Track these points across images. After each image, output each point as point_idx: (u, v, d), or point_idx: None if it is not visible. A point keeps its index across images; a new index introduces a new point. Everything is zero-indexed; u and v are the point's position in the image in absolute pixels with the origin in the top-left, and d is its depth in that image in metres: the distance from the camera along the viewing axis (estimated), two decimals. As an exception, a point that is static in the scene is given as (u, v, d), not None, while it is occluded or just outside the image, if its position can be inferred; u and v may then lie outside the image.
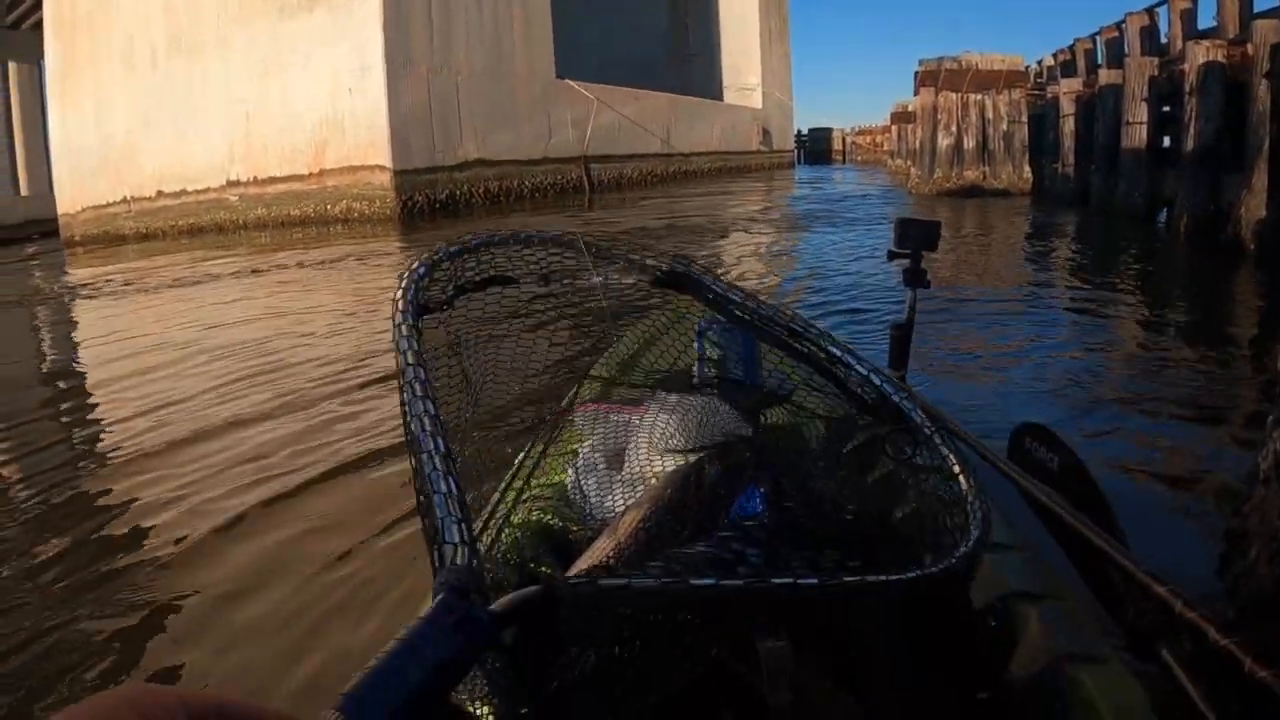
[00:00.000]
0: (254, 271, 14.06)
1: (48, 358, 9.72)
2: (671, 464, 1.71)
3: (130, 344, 8.99)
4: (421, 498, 0.96)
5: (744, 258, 13.07)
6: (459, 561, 0.85)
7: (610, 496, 1.80)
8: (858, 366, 1.59)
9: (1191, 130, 12.38)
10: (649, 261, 1.67)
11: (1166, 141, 14.46)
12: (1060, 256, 12.40)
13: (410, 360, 1.13)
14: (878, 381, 1.57)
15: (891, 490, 1.50)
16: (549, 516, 1.76)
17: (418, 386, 1.08)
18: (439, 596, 0.77)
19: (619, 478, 1.84)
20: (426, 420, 1.03)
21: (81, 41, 25.71)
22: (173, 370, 7.40)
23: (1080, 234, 14.69)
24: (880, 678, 1.42)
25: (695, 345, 1.92)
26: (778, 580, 1.02)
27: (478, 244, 1.50)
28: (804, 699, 1.19)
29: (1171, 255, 12.05)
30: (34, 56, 33.01)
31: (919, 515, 1.41)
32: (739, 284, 1.70)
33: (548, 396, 1.91)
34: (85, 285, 14.44)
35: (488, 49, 25.60)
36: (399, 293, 1.27)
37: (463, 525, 0.90)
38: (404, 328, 1.20)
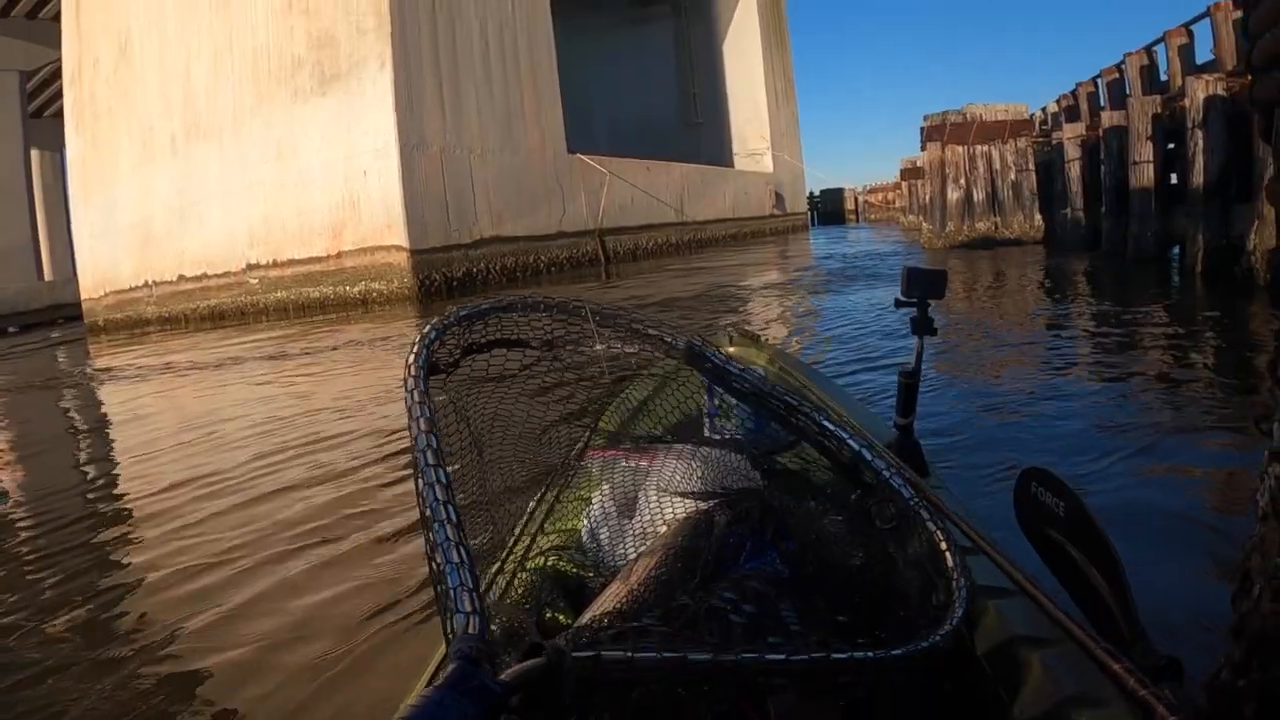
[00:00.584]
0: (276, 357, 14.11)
1: (79, 437, 9.80)
2: (683, 512, 1.74)
3: (161, 422, 9.07)
4: (434, 566, 0.99)
5: (771, 321, 13.09)
6: (471, 631, 0.89)
7: (623, 543, 1.83)
8: (850, 442, 1.64)
9: (1198, 165, 12.34)
10: (650, 331, 1.72)
11: (1174, 179, 14.40)
12: (1074, 299, 12.29)
13: (423, 427, 1.16)
14: (869, 457, 1.62)
15: (889, 549, 1.53)
16: (563, 562, 1.80)
17: (430, 455, 1.12)
18: (452, 665, 0.81)
19: (631, 525, 1.85)
20: (438, 489, 1.06)
21: (102, 130, 26.35)
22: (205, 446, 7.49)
23: (1093, 277, 14.59)
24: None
25: (706, 394, 1.95)
26: (771, 656, 1.06)
27: (487, 309, 1.55)
28: None
29: (1185, 292, 11.91)
30: (56, 144, 33.62)
31: (908, 585, 1.46)
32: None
33: (559, 444, 1.89)
34: (111, 369, 14.61)
35: (499, 127, 25.91)
36: (411, 358, 1.31)
37: (474, 595, 0.93)
38: (416, 393, 1.24)
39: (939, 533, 1.48)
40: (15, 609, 4.15)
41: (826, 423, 1.67)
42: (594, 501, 1.93)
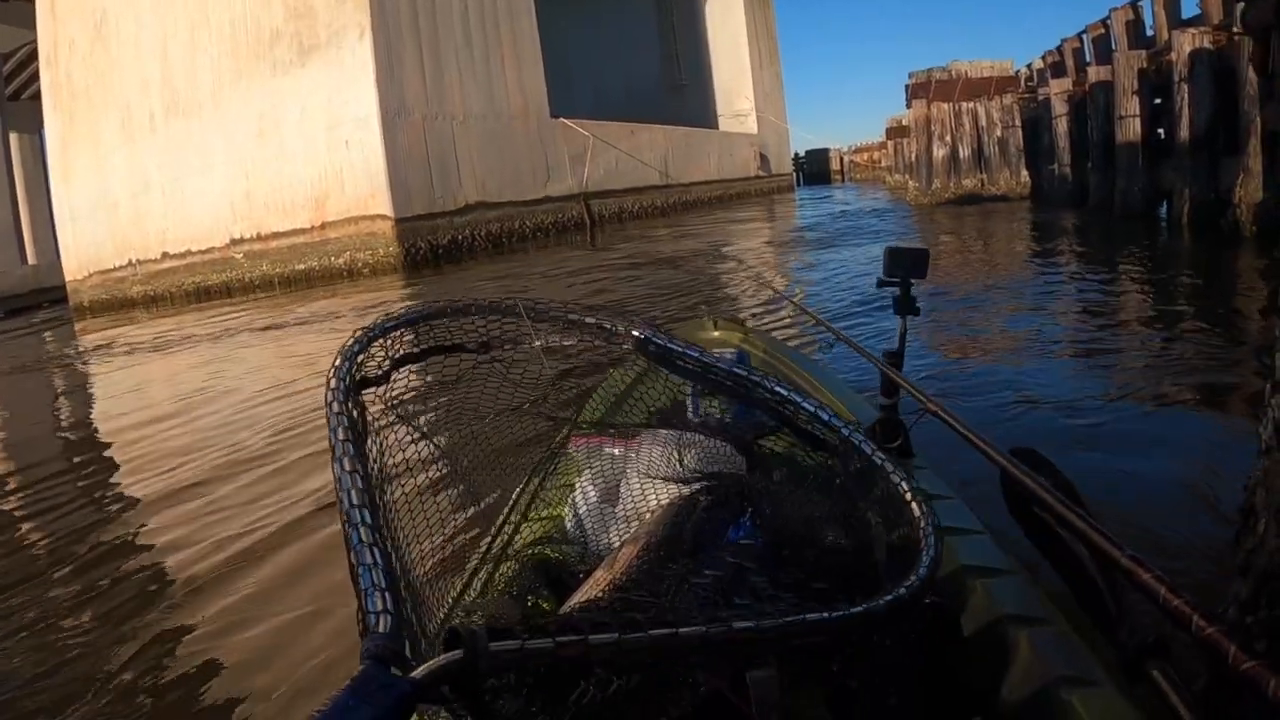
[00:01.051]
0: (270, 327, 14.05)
1: (78, 415, 9.87)
2: (665, 497, 1.74)
3: (149, 397, 9.08)
4: (351, 567, 0.97)
5: (761, 278, 13.12)
6: (382, 629, 0.87)
7: (606, 530, 1.84)
8: (804, 404, 1.64)
9: (1185, 119, 12.37)
10: (588, 320, 1.71)
11: (1161, 134, 14.38)
12: (1062, 254, 12.35)
13: (340, 436, 1.15)
14: (825, 417, 1.62)
15: (868, 524, 1.52)
16: (548, 549, 1.80)
17: (346, 462, 1.10)
18: (361, 666, 0.79)
19: (614, 511, 1.87)
20: (353, 494, 1.05)
21: (80, 110, 26.14)
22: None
23: (1081, 231, 14.68)
24: (872, 705, 1.42)
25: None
26: (713, 628, 1.01)
27: (414, 318, 1.52)
28: None
29: (1174, 246, 12.00)
30: (34, 127, 33.42)
31: (882, 548, 1.44)
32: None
33: (541, 433, 1.87)
34: (99, 348, 14.60)
35: (481, 92, 25.80)
36: (331, 372, 1.29)
37: (386, 594, 0.92)
38: (335, 405, 1.22)
39: (902, 483, 1.47)
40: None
41: (779, 389, 1.66)
42: (577, 488, 1.95)
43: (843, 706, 1.42)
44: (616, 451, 1.91)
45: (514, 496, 1.84)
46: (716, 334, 3.82)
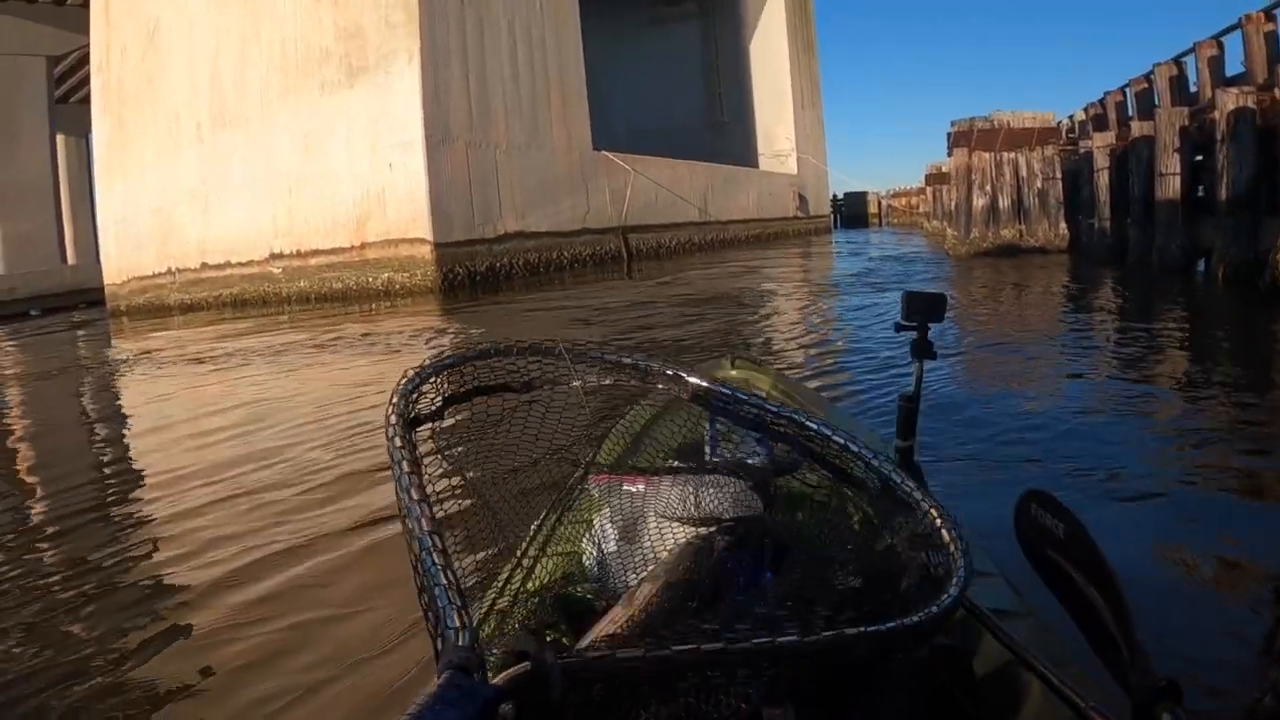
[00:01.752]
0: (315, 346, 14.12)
1: (107, 420, 9.94)
2: (683, 536, 1.77)
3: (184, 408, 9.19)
4: (422, 590, 1.03)
5: (797, 325, 13.12)
6: (461, 644, 0.92)
7: (624, 567, 1.85)
8: (834, 437, 1.69)
9: (1225, 178, 12.29)
10: (625, 361, 1.77)
11: (1201, 191, 14.34)
12: (1100, 310, 12.27)
13: (406, 469, 1.20)
14: (855, 449, 1.66)
15: (895, 561, 1.54)
16: (565, 585, 1.81)
17: (413, 491, 1.16)
18: (444, 675, 0.83)
19: (632, 550, 1.87)
20: (424, 521, 1.10)
21: (129, 116, 26.35)
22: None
23: (1119, 287, 14.57)
24: None
25: (707, 420, 1.96)
26: (757, 641, 1.07)
27: (463, 358, 1.59)
28: None
29: (1212, 304, 11.97)
30: (82, 130, 33.79)
31: (911, 582, 1.46)
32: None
33: (559, 470, 1.94)
34: (141, 355, 14.77)
35: (525, 123, 25.92)
36: (390, 408, 1.35)
37: (463, 612, 0.97)
38: (397, 439, 1.28)
39: (933, 510, 1.51)
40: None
41: (809, 423, 1.71)
42: (595, 525, 1.95)
43: None
44: (634, 489, 1.91)
45: (532, 531, 1.85)
46: (734, 373, 3.76)
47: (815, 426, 1.71)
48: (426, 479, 1.26)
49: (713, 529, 1.71)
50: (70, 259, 36.79)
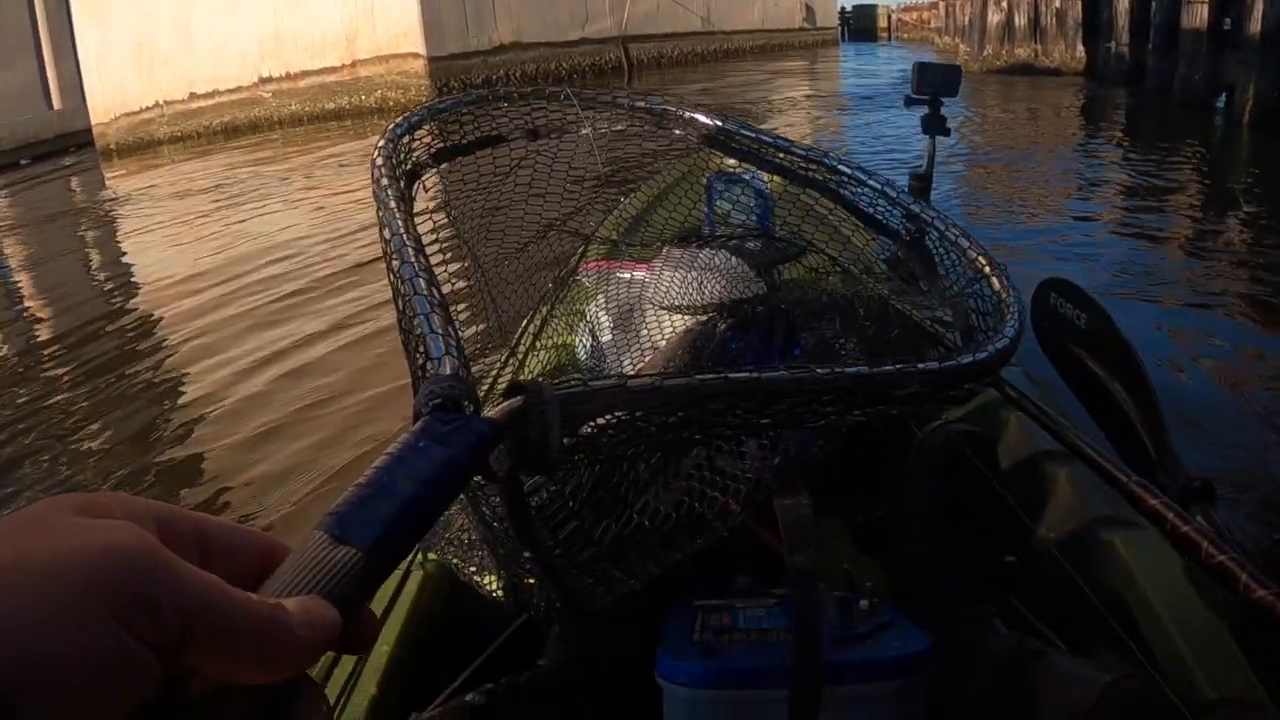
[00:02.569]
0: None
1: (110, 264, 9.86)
2: (681, 322, 1.74)
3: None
4: (405, 323, 0.93)
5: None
6: (446, 371, 0.78)
7: (619, 357, 1.82)
8: (870, 182, 1.56)
9: (1256, 12, 11.95)
10: (638, 104, 1.64)
11: (1228, 23, 13.85)
12: (1114, 134, 12.52)
13: (393, 207, 1.06)
14: (893, 194, 1.53)
15: (916, 333, 1.46)
16: (557, 376, 1.76)
17: (400, 224, 1.02)
18: (426, 410, 0.68)
19: (628, 339, 1.85)
20: (409, 251, 0.97)
21: (104, -53, 25.67)
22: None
23: (1135, 113, 14.78)
24: (905, 540, 1.41)
25: (705, 200, 1.91)
26: (792, 371, 0.94)
27: (458, 103, 1.46)
28: (824, 560, 1.18)
29: (1233, 140, 11.89)
30: (57, -30, 33.18)
31: (956, 314, 1.38)
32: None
33: (551, 255, 1.86)
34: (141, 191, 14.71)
35: (519, -73, 25.34)
36: (376, 152, 1.20)
37: (448, 339, 0.83)
38: (384, 179, 1.13)
39: (980, 257, 1.37)
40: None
41: (843, 167, 1.58)
42: (589, 315, 1.93)
43: (869, 540, 1.49)
44: (629, 276, 1.88)
45: (524, 323, 1.81)
46: (732, 161, 3.71)
47: (849, 171, 1.57)
48: (420, 231, 1.11)
49: (713, 313, 1.66)
50: (56, 105, 36.54)
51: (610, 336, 1.88)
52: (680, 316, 1.75)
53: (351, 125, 21.04)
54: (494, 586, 1.10)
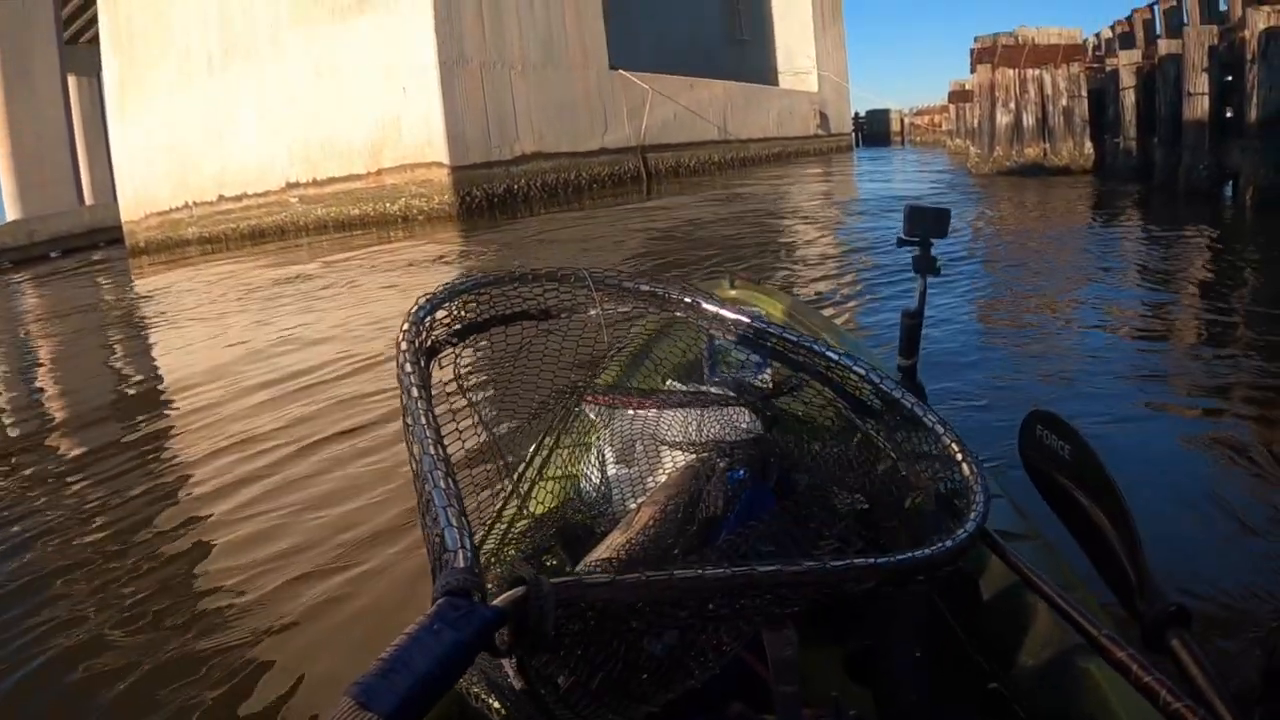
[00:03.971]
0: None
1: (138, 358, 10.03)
2: (682, 459, 1.77)
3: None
4: (424, 510, 1.00)
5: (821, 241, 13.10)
6: (460, 565, 0.89)
7: (623, 491, 1.84)
8: (856, 367, 1.63)
9: (1255, 99, 12.05)
10: (643, 288, 1.73)
11: (1229, 113, 14.04)
12: (1124, 231, 12.19)
13: (415, 395, 1.17)
14: (876, 380, 1.61)
15: (899, 480, 1.51)
16: (563, 509, 1.80)
17: (421, 414, 1.13)
18: (441, 598, 0.81)
19: (630, 473, 1.87)
20: (430, 443, 1.07)
21: (139, 53, 26.11)
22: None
23: (1144, 207, 14.49)
24: (890, 668, 1.44)
25: (704, 342, 1.95)
26: (763, 569, 1.05)
27: (477, 284, 1.53)
28: (811, 688, 1.23)
29: (1239, 227, 11.74)
30: (93, 70, 33.66)
31: (922, 504, 1.44)
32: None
33: (557, 392, 1.86)
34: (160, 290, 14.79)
35: (540, 42, 25.63)
36: (401, 335, 1.31)
37: (463, 533, 0.94)
38: (407, 365, 1.24)
39: (953, 444, 1.47)
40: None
41: (831, 354, 1.66)
42: (593, 449, 1.95)
43: (859, 667, 1.49)
44: (632, 412, 1.90)
45: (529, 455, 1.83)
46: (734, 293, 3.79)
47: (836, 357, 1.66)
48: (436, 408, 1.23)
49: (712, 451, 1.71)
50: (88, 200, 36.74)
51: (613, 471, 1.91)
52: (681, 452, 1.80)
53: (375, 232, 20.97)
54: (502, 708, 1.11)
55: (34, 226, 30.36)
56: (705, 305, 1.73)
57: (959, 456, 1.45)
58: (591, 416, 1.93)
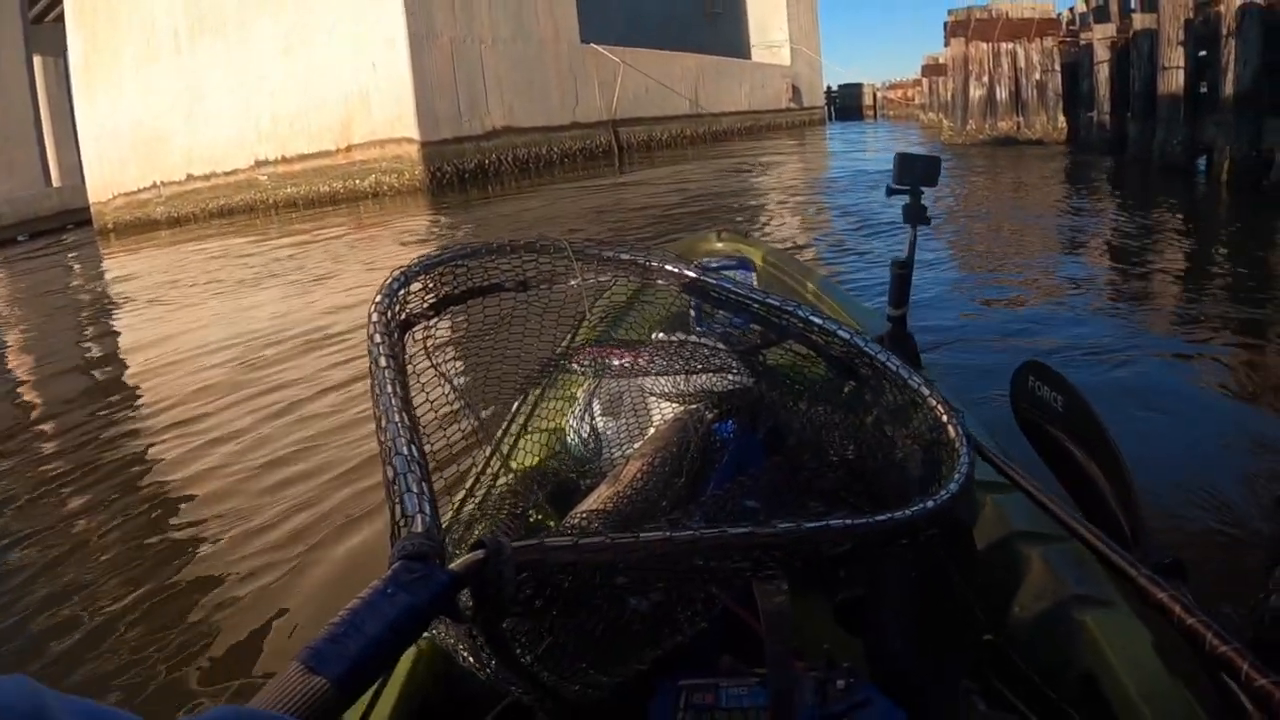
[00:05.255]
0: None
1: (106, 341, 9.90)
2: (669, 410, 1.81)
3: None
4: (386, 471, 0.98)
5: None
6: (417, 529, 0.88)
7: (609, 443, 1.87)
8: (840, 333, 1.59)
9: (1230, 74, 11.98)
10: (624, 256, 1.70)
11: (1204, 87, 14.03)
12: (1097, 201, 12.35)
13: (383, 364, 1.15)
14: (861, 345, 1.58)
15: (886, 436, 1.49)
16: (549, 462, 1.81)
17: (388, 382, 1.11)
18: (397, 561, 0.81)
19: (617, 425, 1.90)
20: (394, 412, 1.06)
21: (103, 31, 25.91)
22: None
23: (1116, 179, 14.62)
24: (883, 620, 1.43)
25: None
26: (733, 530, 1.02)
27: (453, 256, 1.51)
28: (801, 637, 1.22)
29: (1212, 202, 11.84)
30: (58, 50, 33.25)
31: (908, 461, 1.43)
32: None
33: (542, 346, 1.83)
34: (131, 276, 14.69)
35: (510, 16, 25.58)
36: (373, 307, 1.29)
37: (422, 499, 0.93)
38: (377, 336, 1.21)
39: (938, 405, 1.45)
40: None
41: (814, 318, 1.63)
42: (579, 400, 1.98)
43: (850, 617, 1.48)
44: (619, 363, 1.86)
45: (514, 408, 1.81)
46: (720, 245, 3.88)
47: (820, 321, 1.61)
48: (411, 384, 1.23)
49: (700, 402, 1.73)
50: (55, 181, 36.40)
51: (600, 422, 1.93)
52: (669, 403, 1.82)
53: (346, 208, 20.93)
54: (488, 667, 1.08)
55: (0, 209, 30.09)
56: (686, 273, 1.70)
57: (944, 418, 1.42)
58: (577, 368, 1.91)
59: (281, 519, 3.83)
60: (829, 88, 62.93)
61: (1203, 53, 13.84)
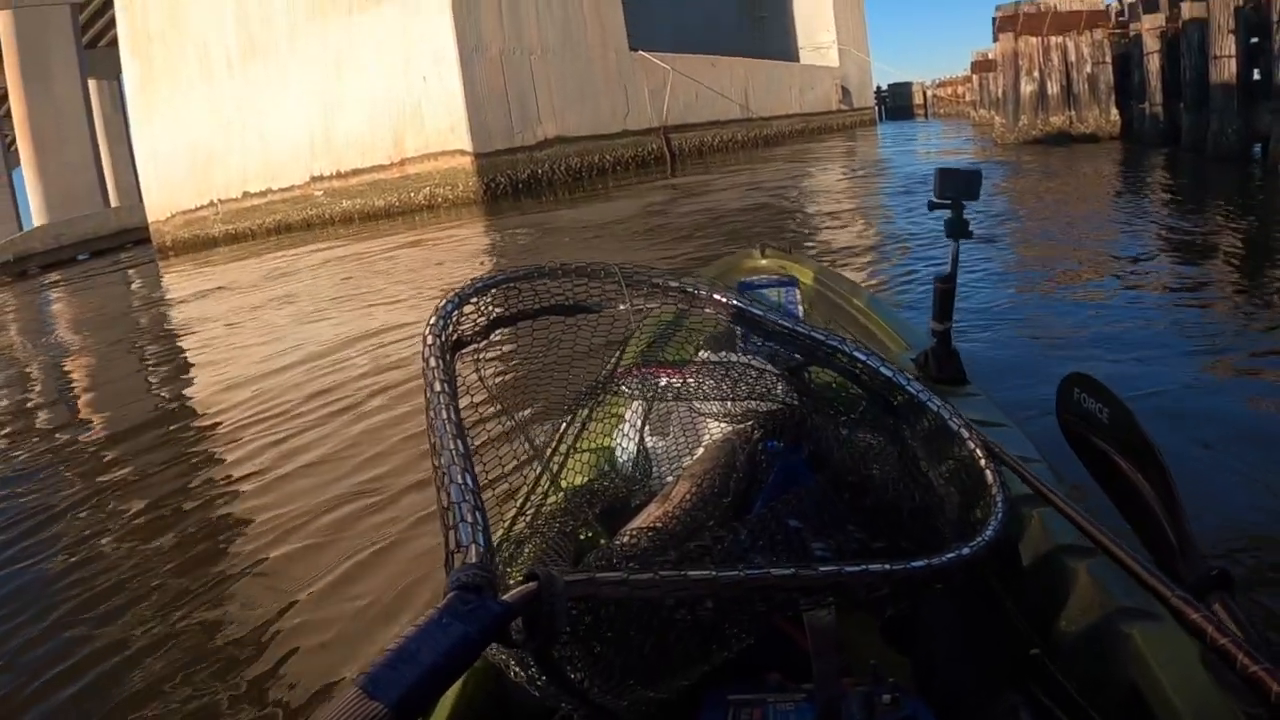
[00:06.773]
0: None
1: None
2: (716, 429, 1.79)
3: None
4: (442, 505, 1.00)
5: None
6: (471, 560, 0.89)
7: (657, 461, 1.87)
8: (882, 370, 1.63)
9: (1284, 59, 11.76)
10: (672, 284, 1.73)
11: (1257, 74, 13.85)
12: (1152, 192, 12.11)
13: (438, 389, 1.18)
14: (903, 383, 1.60)
15: (923, 473, 1.50)
16: (598, 481, 1.79)
17: (444, 408, 1.13)
18: (452, 592, 0.82)
19: (665, 444, 1.90)
20: (449, 439, 1.08)
21: (157, 54, 26.49)
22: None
23: (1172, 172, 14.28)
24: (929, 635, 1.44)
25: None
26: (776, 572, 1.05)
27: (505, 279, 1.54)
28: (848, 654, 1.25)
29: (1270, 190, 11.50)
30: (113, 72, 33.90)
31: (946, 501, 1.44)
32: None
33: (588, 368, 1.84)
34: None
35: (558, 26, 25.65)
36: (427, 329, 1.32)
37: (476, 528, 0.94)
38: (432, 359, 1.24)
39: (977, 448, 1.47)
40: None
41: (858, 353, 1.66)
42: (627, 419, 1.96)
43: (896, 633, 1.48)
44: (665, 382, 1.86)
45: (562, 427, 1.82)
46: (764, 261, 3.87)
47: (864, 357, 1.65)
48: (462, 403, 1.24)
49: (748, 422, 1.72)
50: (113, 201, 37.04)
51: (649, 441, 1.93)
52: (716, 422, 1.81)
53: (402, 221, 21.10)
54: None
55: (61, 230, 30.68)
56: (734, 303, 1.73)
57: (981, 462, 1.45)
58: (624, 388, 1.91)
59: (332, 535, 3.85)
60: (879, 87, 62.38)
61: (1254, 39, 13.67)
